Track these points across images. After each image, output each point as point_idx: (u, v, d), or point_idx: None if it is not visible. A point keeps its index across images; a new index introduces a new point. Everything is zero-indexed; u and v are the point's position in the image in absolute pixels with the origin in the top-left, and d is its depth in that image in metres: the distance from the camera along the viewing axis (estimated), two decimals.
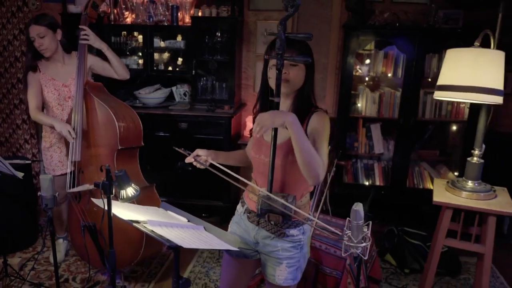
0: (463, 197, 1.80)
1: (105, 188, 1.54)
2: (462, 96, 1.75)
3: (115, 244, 2.68)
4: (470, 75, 1.68)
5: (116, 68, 2.84)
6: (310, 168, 1.55)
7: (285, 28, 1.53)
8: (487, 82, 1.66)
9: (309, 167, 1.55)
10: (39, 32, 2.70)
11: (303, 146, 1.53)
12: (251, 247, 1.90)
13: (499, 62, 1.73)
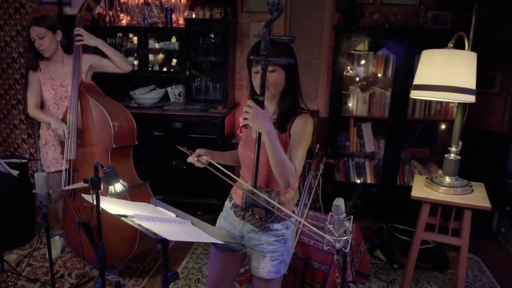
0: (441, 192, 1.88)
1: (94, 183, 1.61)
2: (436, 95, 1.83)
3: (110, 240, 2.77)
4: (442, 75, 1.75)
5: (116, 61, 2.91)
6: (281, 174, 1.63)
7: (269, 30, 1.60)
8: (459, 82, 1.73)
9: (280, 173, 1.64)
10: (39, 33, 2.79)
11: (276, 155, 1.61)
12: (237, 241, 1.97)
13: (471, 62, 1.80)
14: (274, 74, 1.73)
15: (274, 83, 1.74)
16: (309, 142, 1.79)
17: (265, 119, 1.62)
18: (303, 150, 1.74)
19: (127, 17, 3.89)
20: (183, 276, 3.14)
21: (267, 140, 1.61)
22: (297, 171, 1.69)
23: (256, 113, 1.61)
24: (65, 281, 3.02)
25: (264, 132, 1.60)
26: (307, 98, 4.16)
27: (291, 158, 1.69)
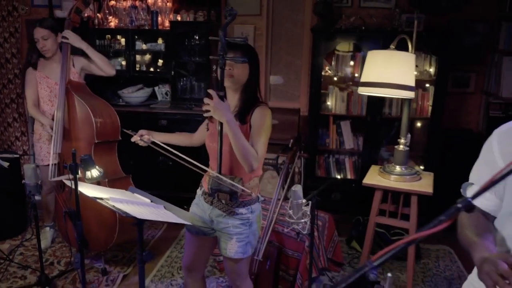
0: (391, 180, 2.04)
1: (72, 168, 1.77)
2: (379, 91, 2.00)
3: (92, 228, 2.93)
4: (384, 73, 1.93)
5: (99, 65, 3.08)
6: (243, 159, 1.81)
7: (225, 33, 1.77)
8: (398, 79, 1.90)
9: (243, 158, 1.81)
10: (43, 35, 2.98)
11: (237, 141, 1.78)
12: (208, 225, 2.14)
13: (410, 62, 1.98)
14: (240, 66, 1.90)
15: (238, 75, 1.91)
16: (269, 130, 1.96)
17: (225, 109, 1.79)
18: (264, 138, 1.91)
19: (115, 19, 4.07)
20: (166, 264, 3.31)
21: (228, 129, 1.78)
22: (259, 156, 1.86)
23: (217, 104, 1.77)
24: (54, 268, 3.19)
25: (225, 121, 1.77)
26: (290, 97, 4.37)
27: (253, 145, 1.86)
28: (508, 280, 0.96)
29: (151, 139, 2.15)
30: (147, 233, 3.79)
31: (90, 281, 3.03)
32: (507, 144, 1.21)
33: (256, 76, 1.99)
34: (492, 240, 1.20)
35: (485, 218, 1.29)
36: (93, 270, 3.16)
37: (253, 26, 4.15)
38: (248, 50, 1.96)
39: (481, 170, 1.30)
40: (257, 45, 4.19)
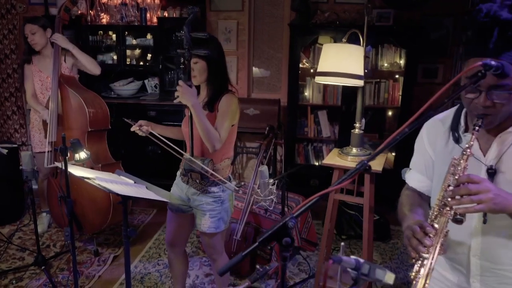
0: (348, 161, 2.30)
1: (62, 151, 2.03)
2: (332, 80, 2.27)
3: (87, 211, 3.20)
4: (336, 64, 2.19)
5: (85, 64, 3.33)
6: (206, 140, 2.07)
7: (189, 29, 2.02)
8: (348, 69, 2.16)
9: (206, 139, 2.08)
10: (31, 29, 3.25)
11: (201, 123, 2.04)
12: (186, 203, 2.40)
13: (359, 54, 2.24)
14: (197, 65, 2.16)
15: (198, 72, 2.17)
16: (233, 115, 2.21)
17: (191, 95, 2.05)
18: (228, 123, 2.17)
19: (107, 16, 4.30)
20: (154, 246, 3.58)
21: (193, 112, 2.04)
22: (221, 138, 2.12)
23: (184, 90, 2.04)
24: (50, 250, 3.46)
25: (190, 105, 2.03)
26: (272, 88, 4.62)
27: (217, 128, 2.12)
28: (421, 241, 1.16)
29: (149, 130, 2.35)
30: (137, 218, 4.06)
31: (83, 261, 3.30)
32: (433, 134, 1.43)
33: (219, 68, 2.23)
34: (421, 214, 1.39)
35: (420, 197, 1.51)
36: (86, 252, 3.44)
37: (236, 21, 4.39)
38: (210, 44, 2.19)
39: (416, 157, 1.53)
40: (240, 39, 4.44)
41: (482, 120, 1.18)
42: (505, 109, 1.17)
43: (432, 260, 1.14)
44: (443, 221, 1.17)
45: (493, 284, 1.31)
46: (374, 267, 0.95)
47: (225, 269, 1.16)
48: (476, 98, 1.18)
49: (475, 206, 1.10)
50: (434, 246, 1.14)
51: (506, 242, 1.26)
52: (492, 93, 1.15)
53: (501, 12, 1.10)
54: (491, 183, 1.14)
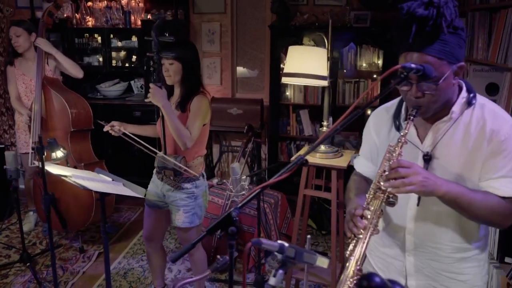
0: (317, 157, 2.41)
1: (38, 150, 2.13)
2: (298, 80, 2.38)
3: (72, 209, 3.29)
4: (301, 65, 2.29)
5: (67, 68, 3.42)
6: (178, 138, 2.18)
7: (157, 33, 2.12)
8: (313, 70, 2.27)
9: (177, 137, 2.18)
10: (16, 32, 3.34)
11: (171, 122, 2.15)
12: (161, 199, 2.50)
13: (322, 56, 2.35)
14: (172, 67, 2.26)
15: (173, 72, 2.28)
16: (204, 115, 2.31)
17: (161, 96, 2.16)
18: (199, 122, 2.27)
19: (92, 19, 4.40)
20: (139, 242, 3.67)
21: (164, 112, 2.15)
22: (192, 136, 2.22)
23: (154, 91, 2.15)
24: (36, 247, 3.55)
25: (161, 105, 2.14)
26: (255, 88, 4.71)
27: (188, 127, 2.22)
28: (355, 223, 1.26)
29: (122, 130, 2.45)
30: (124, 216, 4.16)
31: (68, 258, 3.40)
32: (378, 122, 1.53)
33: (193, 70, 2.33)
34: (365, 198, 1.43)
35: (366, 182, 1.60)
36: (72, 249, 3.53)
37: (219, 23, 4.49)
38: (181, 47, 2.29)
39: (363, 144, 1.63)
40: (223, 41, 4.54)
41: (416, 110, 1.27)
42: (436, 99, 1.26)
43: (365, 239, 1.24)
44: (377, 204, 1.26)
45: (425, 260, 1.44)
46: (301, 251, 1.04)
47: (177, 256, 1.25)
48: (409, 90, 1.27)
49: (405, 188, 1.20)
50: (368, 227, 1.24)
51: (437, 223, 1.38)
52: (422, 85, 1.23)
53: (418, 9, 1.18)
54: (421, 168, 1.25)
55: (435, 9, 1.18)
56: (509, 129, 1.28)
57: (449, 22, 1.20)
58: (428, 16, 1.18)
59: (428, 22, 1.18)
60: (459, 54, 1.24)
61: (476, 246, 1.42)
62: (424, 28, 1.19)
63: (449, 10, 1.20)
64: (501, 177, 1.28)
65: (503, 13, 2.65)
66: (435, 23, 1.18)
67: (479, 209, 1.26)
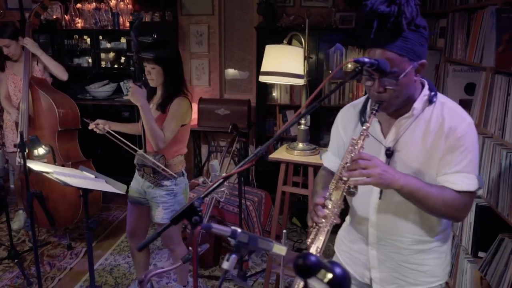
0: (295, 155, 2.47)
1: (20, 147, 2.19)
2: (274, 79, 2.45)
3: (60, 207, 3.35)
4: (278, 64, 2.36)
5: (52, 70, 3.49)
6: (151, 138, 2.25)
7: (136, 34, 2.18)
8: (289, 69, 2.34)
9: (150, 137, 2.25)
10: (4, 44, 3.38)
11: (147, 123, 2.22)
12: (143, 196, 2.56)
13: (298, 55, 2.42)
14: (154, 70, 2.33)
15: (155, 75, 2.34)
16: (183, 117, 2.37)
17: (140, 95, 2.22)
18: (175, 124, 2.33)
19: (81, 21, 4.46)
20: (126, 240, 3.72)
21: (141, 111, 2.21)
22: (166, 138, 2.28)
23: (133, 91, 2.21)
24: (25, 245, 3.60)
25: (139, 105, 2.20)
26: (243, 89, 4.77)
27: (163, 128, 2.29)
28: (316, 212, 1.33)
29: (106, 128, 2.50)
30: (113, 214, 4.22)
31: (56, 255, 3.46)
32: (345, 118, 1.59)
33: (174, 72, 2.39)
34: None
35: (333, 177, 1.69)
36: (60, 246, 3.59)
37: (207, 25, 4.56)
38: (160, 48, 2.35)
39: (331, 140, 1.68)
40: (211, 42, 4.61)
41: (378, 105, 1.33)
42: (397, 94, 1.31)
43: (326, 228, 1.30)
44: (338, 194, 1.32)
45: (387, 252, 1.50)
46: (255, 238, 1.10)
47: (143, 245, 1.31)
48: (372, 85, 1.32)
49: (364, 179, 1.26)
50: (328, 216, 1.30)
51: (398, 216, 1.44)
52: (384, 80, 1.29)
53: (380, 6, 1.23)
54: (380, 161, 1.30)
55: (396, 7, 1.23)
56: (466, 127, 1.33)
57: (410, 20, 1.25)
58: (390, 13, 1.22)
59: (389, 19, 1.23)
60: (420, 51, 1.29)
61: (437, 238, 1.48)
62: (385, 24, 1.24)
63: (410, 8, 1.24)
64: (456, 172, 1.34)
65: (480, 14, 2.72)
66: (396, 20, 1.23)
67: (435, 203, 1.32)
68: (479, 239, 2.61)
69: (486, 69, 2.58)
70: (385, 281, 1.53)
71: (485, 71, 2.63)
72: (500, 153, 2.36)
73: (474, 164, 1.36)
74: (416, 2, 1.26)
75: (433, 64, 3.87)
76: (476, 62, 2.77)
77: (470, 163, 1.34)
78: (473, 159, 1.35)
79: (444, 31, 3.53)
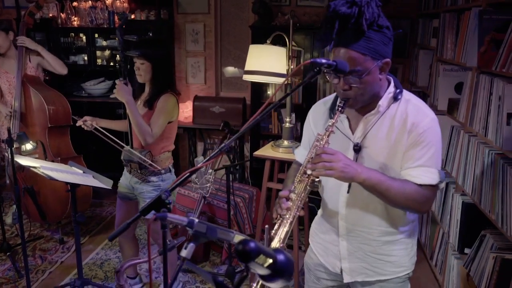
0: (280, 152, 2.50)
1: (8, 142, 2.23)
2: (257, 78, 2.48)
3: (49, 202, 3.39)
4: (261, 63, 2.39)
5: (52, 64, 3.53)
6: (139, 133, 2.28)
7: (121, 32, 2.22)
8: (271, 68, 2.36)
9: (138, 132, 2.29)
10: None
11: (134, 119, 2.26)
12: (131, 191, 2.60)
13: (281, 54, 2.44)
14: (143, 66, 2.36)
15: (144, 71, 2.38)
16: (169, 113, 2.41)
17: (125, 92, 2.25)
18: (162, 120, 2.37)
19: (77, 19, 4.50)
20: None
21: (127, 107, 2.25)
22: (154, 133, 2.32)
23: (119, 88, 2.25)
24: (18, 239, 3.64)
25: (125, 101, 2.24)
26: (239, 88, 4.80)
27: (151, 124, 2.32)
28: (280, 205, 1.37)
29: (93, 125, 2.54)
30: (106, 211, 4.26)
31: (48, 249, 3.50)
32: (316, 114, 1.62)
33: (162, 69, 2.43)
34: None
35: None
36: (52, 241, 3.64)
37: (203, 24, 4.59)
38: (147, 46, 2.40)
39: (303, 135, 1.71)
40: (207, 41, 4.64)
41: (344, 102, 1.37)
42: (362, 92, 1.34)
43: (289, 219, 1.33)
44: (301, 187, 1.36)
45: (356, 243, 1.54)
46: (214, 228, 1.13)
47: (114, 235, 1.35)
48: (338, 83, 1.36)
49: (326, 172, 1.29)
50: (292, 208, 1.34)
51: (366, 209, 1.48)
52: (349, 79, 1.32)
53: (342, 7, 1.26)
54: (343, 155, 1.33)
55: (357, 8, 1.26)
56: (428, 123, 1.37)
57: (372, 21, 1.28)
58: (351, 14, 1.26)
59: (350, 20, 1.26)
60: (384, 51, 1.33)
61: (403, 230, 1.52)
62: (346, 25, 1.27)
63: (371, 10, 1.28)
64: (418, 166, 1.38)
65: (467, 15, 2.74)
66: (356, 21, 1.26)
67: (396, 195, 1.35)
68: (465, 236, 2.64)
69: (472, 69, 2.60)
70: (355, 271, 1.57)
71: (471, 71, 2.65)
72: (483, 151, 2.38)
73: (435, 159, 1.39)
74: (378, 4, 1.29)
75: (428, 63, 3.89)
76: (463, 62, 2.79)
77: (431, 157, 1.38)
78: (434, 154, 1.38)
79: (436, 31, 3.55)
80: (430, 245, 3.39)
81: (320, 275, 1.69)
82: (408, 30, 4.39)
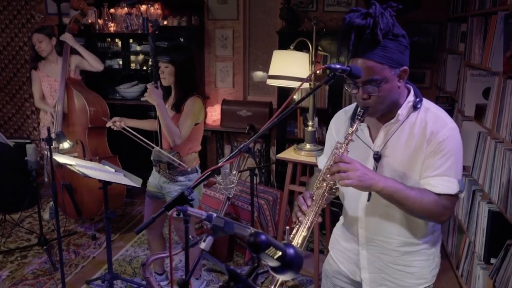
0: (302, 155, 2.56)
1: (48, 140, 2.40)
2: (281, 82, 2.55)
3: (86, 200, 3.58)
4: (284, 68, 2.46)
5: (89, 61, 3.72)
6: (168, 135, 2.39)
7: (153, 39, 2.34)
8: (294, 73, 2.43)
9: (167, 134, 2.40)
10: (38, 38, 3.65)
11: (164, 120, 2.37)
12: (160, 191, 2.72)
13: (304, 60, 2.50)
14: (167, 70, 2.48)
15: (167, 75, 2.50)
16: (196, 116, 2.52)
17: (156, 95, 2.38)
18: (189, 122, 2.48)
19: (114, 25, 4.71)
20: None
21: (158, 110, 2.37)
22: (182, 134, 2.43)
23: (150, 91, 2.37)
24: (54, 234, 3.85)
25: (156, 104, 2.37)
26: (266, 92, 4.89)
27: (179, 125, 2.44)
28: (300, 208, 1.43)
29: (122, 125, 2.69)
30: (137, 209, 4.43)
31: (81, 244, 3.69)
32: (338, 123, 1.67)
33: (186, 73, 2.54)
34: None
35: None
36: (85, 236, 3.83)
37: (232, 29, 4.71)
38: (175, 52, 2.51)
39: (326, 144, 1.76)
40: (235, 46, 4.76)
41: (363, 111, 1.40)
42: (381, 100, 1.38)
43: (306, 225, 1.38)
44: (319, 193, 1.41)
45: (376, 253, 1.56)
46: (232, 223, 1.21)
47: (140, 229, 1.45)
48: (357, 93, 1.40)
49: (344, 181, 1.32)
50: (309, 214, 1.39)
51: (385, 218, 1.50)
52: (367, 88, 1.36)
53: (356, 19, 1.31)
54: (360, 164, 1.36)
55: (372, 19, 1.31)
56: (447, 131, 1.38)
57: (387, 30, 1.32)
58: (365, 25, 1.31)
59: (366, 31, 1.31)
60: (401, 59, 1.37)
61: (424, 241, 1.52)
62: (362, 36, 1.32)
63: (386, 20, 1.32)
64: (437, 175, 1.39)
65: (494, 19, 2.72)
66: (372, 31, 1.31)
67: (414, 204, 1.37)
68: (492, 245, 2.59)
69: (499, 74, 2.58)
70: (374, 282, 1.58)
71: (498, 76, 2.62)
72: (509, 157, 2.35)
73: (455, 168, 1.40)
74: (392, 13, 1.33)
75: (456, 68, 3.86)
76: (489, 67, 2.76)
77: (451, 166, 1.38)
78: (454, 163, 1.39)
79: (464, 36, 3.52)
80: (456, 254, 3.32)
81: (337, 283, 1.71)
82: (436, 35, 4.36)
